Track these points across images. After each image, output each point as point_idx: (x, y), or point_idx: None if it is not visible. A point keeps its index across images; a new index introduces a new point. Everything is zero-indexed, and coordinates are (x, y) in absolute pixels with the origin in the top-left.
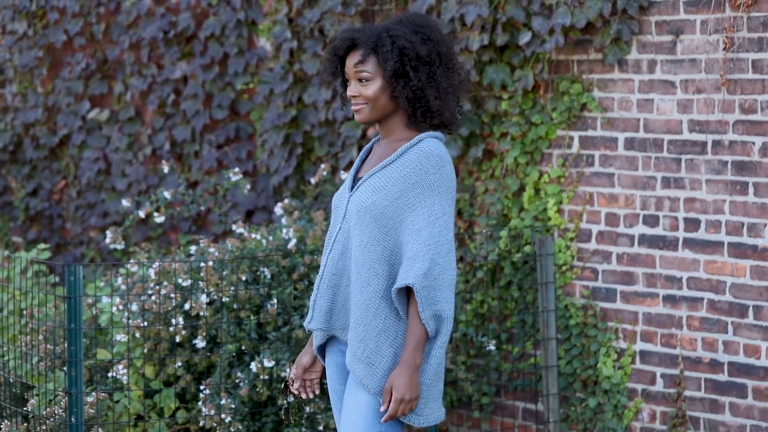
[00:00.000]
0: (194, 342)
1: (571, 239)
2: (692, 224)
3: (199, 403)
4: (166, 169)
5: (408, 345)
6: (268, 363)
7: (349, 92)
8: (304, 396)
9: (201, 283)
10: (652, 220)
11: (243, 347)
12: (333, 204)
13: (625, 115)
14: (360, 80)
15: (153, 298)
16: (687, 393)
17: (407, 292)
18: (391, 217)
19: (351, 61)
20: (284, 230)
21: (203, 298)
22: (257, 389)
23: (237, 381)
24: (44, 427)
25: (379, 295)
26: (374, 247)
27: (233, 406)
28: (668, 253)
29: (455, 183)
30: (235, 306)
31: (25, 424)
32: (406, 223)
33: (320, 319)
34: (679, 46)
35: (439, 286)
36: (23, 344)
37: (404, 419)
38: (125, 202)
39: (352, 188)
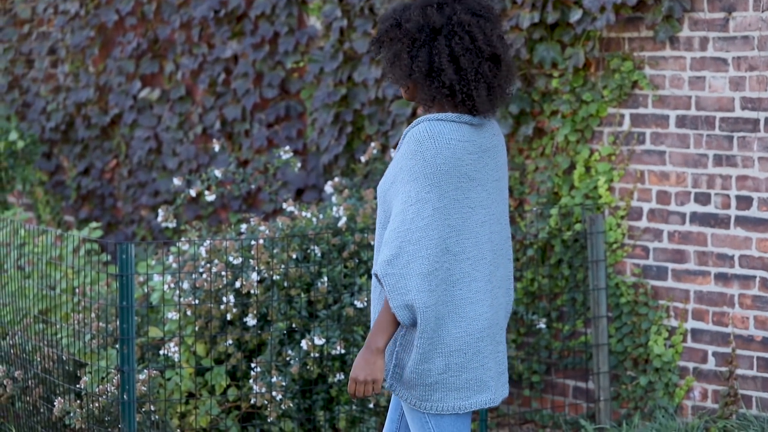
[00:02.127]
0: (245, 320)
1: (622, 217)
2: (744, 202)
3: (250, 380)
4: (216, 148)
5: (372, 327)
6: (319, 341)
7: None
8: None
9: (252, 261)
10: (703, 198)
11: (293, 325)
12: None
13: (676, 92)
14: None
15: (204, 276)
16: (739, 371)
17: None
18: (389, 202)
19: None
20: (334, 208)
21: (254, 276)
22: (308, 367)
23: (288, 359)
24: (97, 405)
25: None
26: (380, 231)
27: (284, 383)
28: (720, 231)
29: (443, 168)
30: (285, 284)
31: (78, 401)
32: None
33: None
34: (732, 23)
35: (408, 275)
36: (76, 322)
37: (405, 401)
38: (176, 181)
39: None
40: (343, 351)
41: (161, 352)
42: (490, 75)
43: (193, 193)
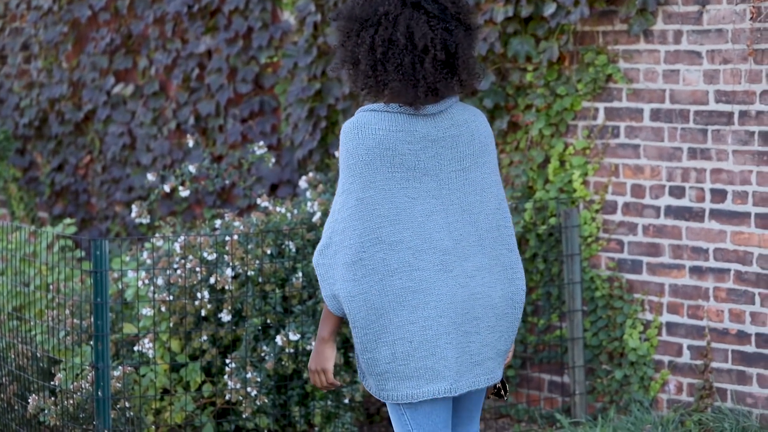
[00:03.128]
0: (220, 316)
1: (597, 211)
2: (719, 195)
3: (225, 376)
4: (190, 144)
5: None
6: (294, 336)
7: None
8: None
9: (226, 257)
10: (678, 192)
11: (268, 321)
12: None
13: (650, 86)
14: None
15: (178, 272)
16: (714, 365)
17: None
18: None
19: None
20: (309, 204)
21: (228, 272)
22: (283, 363)
23: (262, 354)
24: (71, 401)
25: None
26: None
27: (259, 379)
28: (694, 224)
29: (366, 158)
30: (260, 279)
31: (53, 398)
32: None
33: None
34: (706, 17)
35: (335, 265)
36: (50, 319)
37: (370, 391)
38: (150, 177)
39: None
40: None
41: (136, 348)
42: (419, 67)
43: (167, 188)
